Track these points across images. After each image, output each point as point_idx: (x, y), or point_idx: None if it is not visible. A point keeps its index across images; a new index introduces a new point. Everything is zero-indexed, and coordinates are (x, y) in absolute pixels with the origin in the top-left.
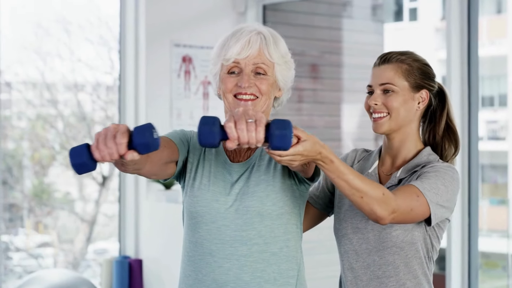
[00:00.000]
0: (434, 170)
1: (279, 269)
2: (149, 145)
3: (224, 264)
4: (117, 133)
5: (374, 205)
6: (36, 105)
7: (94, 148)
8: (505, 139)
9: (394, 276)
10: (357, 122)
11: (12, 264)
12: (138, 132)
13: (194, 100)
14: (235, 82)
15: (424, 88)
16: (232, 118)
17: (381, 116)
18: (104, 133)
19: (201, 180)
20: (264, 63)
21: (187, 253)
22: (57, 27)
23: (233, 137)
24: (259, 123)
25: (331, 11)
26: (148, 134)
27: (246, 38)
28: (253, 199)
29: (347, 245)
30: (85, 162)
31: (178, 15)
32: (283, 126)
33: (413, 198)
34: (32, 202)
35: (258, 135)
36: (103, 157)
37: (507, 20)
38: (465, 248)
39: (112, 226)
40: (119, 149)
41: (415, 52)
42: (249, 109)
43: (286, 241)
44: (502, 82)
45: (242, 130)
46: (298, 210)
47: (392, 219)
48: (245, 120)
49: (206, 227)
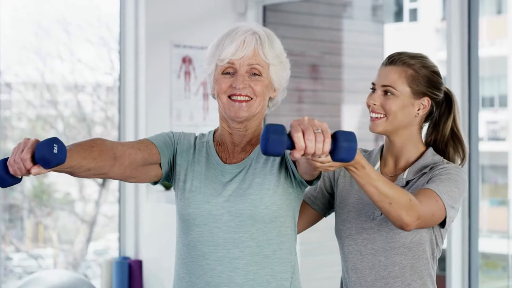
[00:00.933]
0: (446, 173)
1: (272, 272)
2: (48, 160)
3: (217, 266)
4: (24, 148)
5: (402, 212)
6: (36, 106)
7: (8, 163)
8: (505, 140)
9: (400, 277)
10: (357, 122)
11: (12, 264)
12: (39, 148)
13: (194, 101)
14: (229, 83)
15: (426, 96)
16: (299, 128)
17: (378, 116)
18: (16, 148)
19: (192, 182)
20: (259, 64)
21: (180, 256)
22: (57, 27)
23: (300, 148)
24: (326, 134)
25: (331, 12)
26: (47, 149)
27: (241, 38)
28: (246, 201)
29: (351, 245)
30: (3, 176)
31: (178, 15)
32: (350, 138)
33: (433, 203)
34: (32, 203)
35: (326, 146)
36: (15, 172)
37: (507, 21)
38: (465, 249)
39: (112, 227)
40: (25, 164)
41: (428, 58)
42: (314, 119)
43: (279, 244)
44: (502, 83)
45: (310, 141)
46: (292, 213)
47: (417, 225)
48: (313, 130)
49: (198, 229)
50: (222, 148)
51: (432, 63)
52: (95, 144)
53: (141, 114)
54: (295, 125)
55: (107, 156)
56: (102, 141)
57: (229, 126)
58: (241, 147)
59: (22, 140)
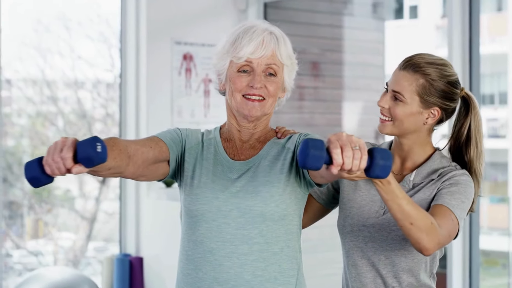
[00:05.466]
0: (455, 183)
1: (280, 269)
2: (92, 159)
3: (225, 262)
4: (64, 147)
5: (422, 234)
6: (36, 102)
7: (44, 162)
8: (505, 137)
9: (398, 277)
10: (358, 119)
11: (12, 261)
12: (82, 146)
13: (195, 98)
14: (246, 82)
15: (436, 106)
16: (337, 144)
17: (386, 119)
18: (53, 147)
19: (200, 178)
20: (275, 64)
21: (186, 252)
22: (57, 24)
23: (338, 163)
24: (363, 152)
25: (332, 9)
26: (91, 148)
27: (260, 37)
28: (256, 198)
29: (353, 241)
30: (38, 176)
31: (179, 12)
32: (386, 157)
33: (450, 223)
34: (32, 200)
35: (363, 163)
36: (53, 171)
37: (507, 18)
38: (466, 246)
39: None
40: (65, 163)
41: (447, 66)
42: (352, 135)
43: (287, 241)
44: (503, 80)
45: (348, 158)
46: (299, 212)
47: (436, 250)
48: (351, 147)
49: (206, 225)
50: (230, 145)
51: (451, 71)
52: (114, 143)
53: (142, 111)
54: (333, 140)
55: (124, 155)
56: (119, 140)
57: (238, 123)
58: (249, 144)
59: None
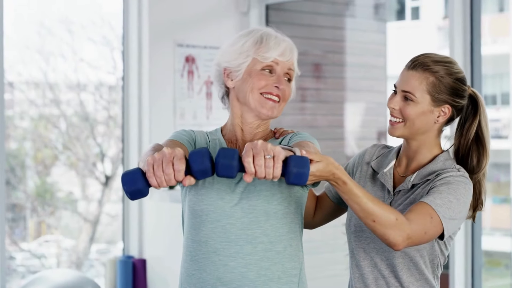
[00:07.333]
0: (446, 182)
1: (283, 268)
2: (207, 171)
3: (229, 262)
4: (173, 159)
5: (386, 230)
6: (39, 105)
7: (150, 174)
8: (508, 138)
9: (398, 278)
10: (360, 121)
11: (16, 264)
12: (196, 159)
13: (197, 100)
14: (269, 81)
15: (447, 103)
16: (250, 152)
17: (397, 121)
18: (159, 158)
19: (205, 179)
20: (293, 70)
21: (190, 252)
22: (60, 27)
23: (250, 172)
24: (277, 160)
25: (333, 11)
26: (206, 161)
27: (285, 43)
28: (259, 197)
29: (356, 242)
30: (141, 189)
31: (181, 15)
32: (301, 164)
33: (427, 221)
34: (35, 202)
35: (276, 171)
36: (161, 184)
37: (509, 19)
38: (468, 247)
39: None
40: (177, 175)
41: (454, 63)
42: (268, 143)
43: (289, 240)
44: (505, 81)
45: (260, 166)
46: (300, 210)
47: (408, 245)
48: (263, 155)
49: (210, 226)
50: (233, 146)
51: (458, 69)
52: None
53: (145, 113)
54: (247, 149)
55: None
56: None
57: (242, 122)
58: None
59: (165, 151)
